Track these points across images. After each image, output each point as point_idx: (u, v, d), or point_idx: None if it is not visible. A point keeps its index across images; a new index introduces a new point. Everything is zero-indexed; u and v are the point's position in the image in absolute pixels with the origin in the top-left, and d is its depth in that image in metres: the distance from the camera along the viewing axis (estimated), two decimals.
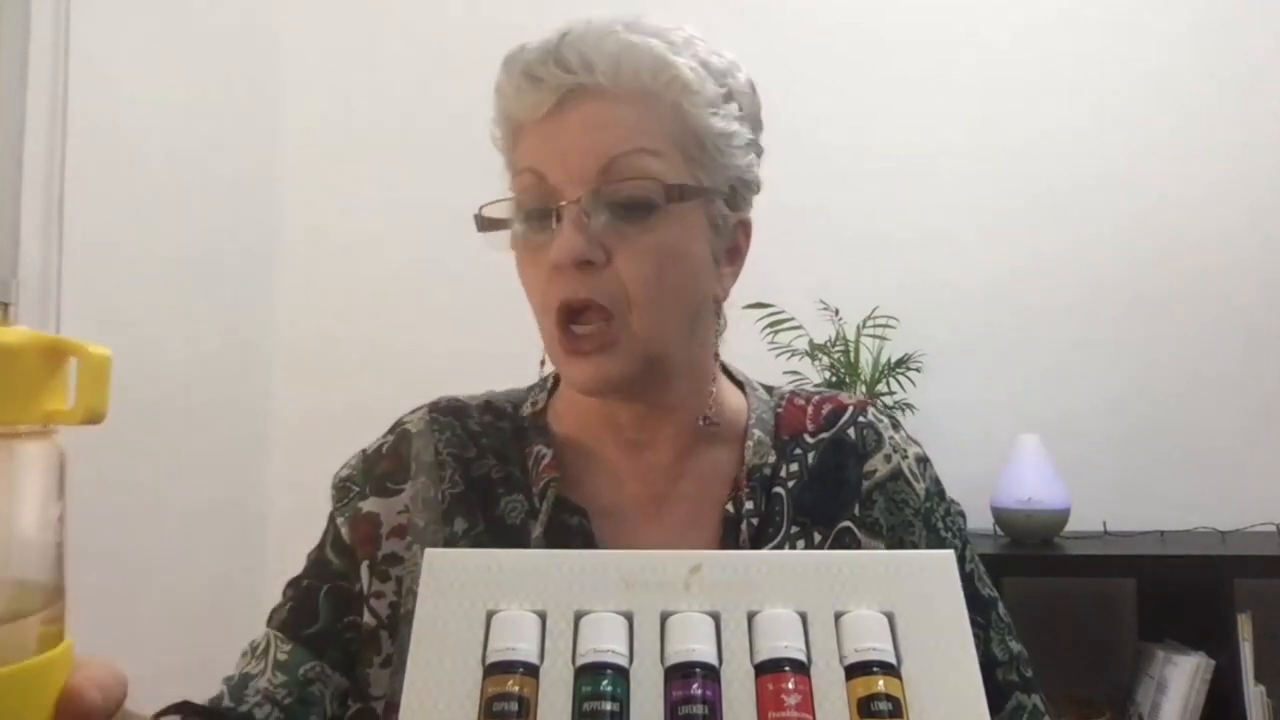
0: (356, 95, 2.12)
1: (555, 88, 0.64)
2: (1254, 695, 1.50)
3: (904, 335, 1.80)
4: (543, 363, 0.75)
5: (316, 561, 0.73)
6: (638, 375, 0.66)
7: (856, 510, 0.72)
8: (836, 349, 1.76)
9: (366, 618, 0.69)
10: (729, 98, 0.68)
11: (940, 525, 0.74)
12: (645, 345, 0.66)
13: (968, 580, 0.71)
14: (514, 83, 0.66)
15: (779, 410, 0.77)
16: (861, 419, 0.76)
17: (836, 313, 1.77)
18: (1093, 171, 1.94)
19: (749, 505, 0.70)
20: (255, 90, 2.04)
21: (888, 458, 0.74)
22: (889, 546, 0.71)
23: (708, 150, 0.67)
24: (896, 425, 0.78)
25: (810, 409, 0.77)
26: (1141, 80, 1.95)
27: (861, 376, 1.75)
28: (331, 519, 0.74)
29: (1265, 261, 1.89)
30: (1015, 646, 0.73)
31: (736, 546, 0.69)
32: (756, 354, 1.62)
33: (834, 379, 1.75)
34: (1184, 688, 1.51)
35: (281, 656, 0.69)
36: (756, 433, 0.74)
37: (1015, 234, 1.95)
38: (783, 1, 2.05)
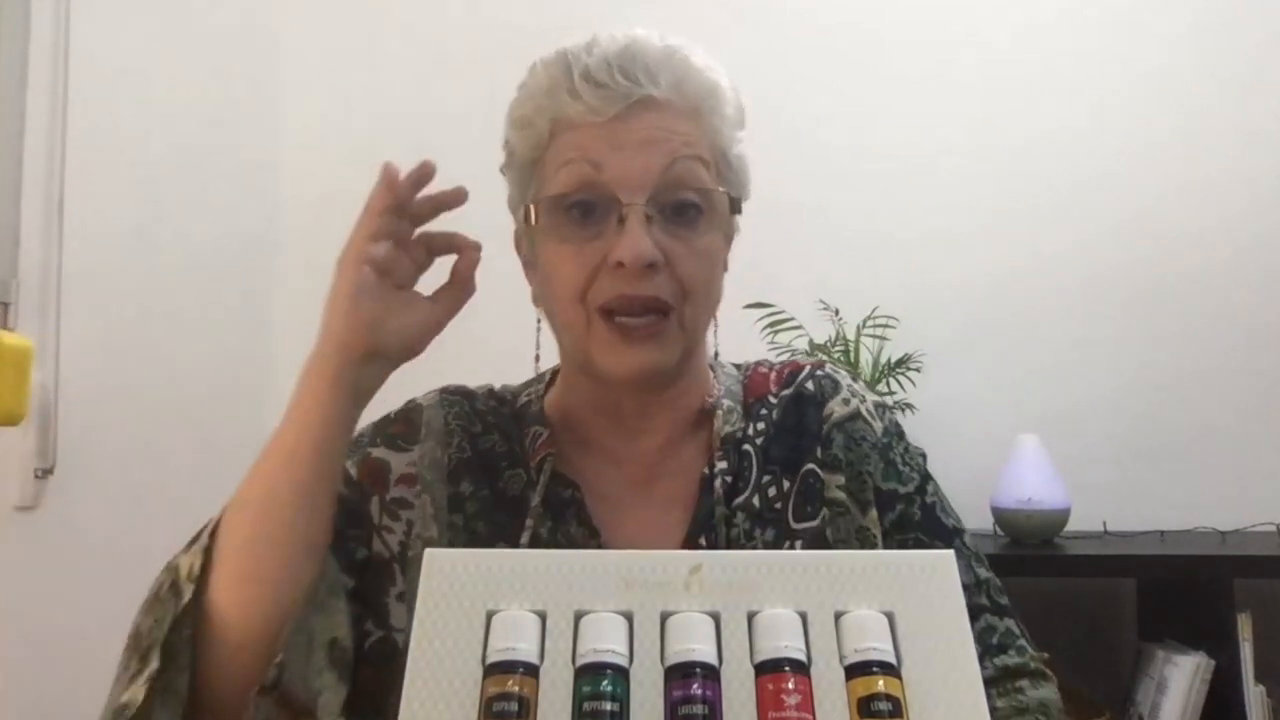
0: (356, 95, 2.12)
1: (624, 96, 0.69)
2: (1254, 695, 1.49)
3: (904, 335, 1.80)
4: (538, 359, 0.80)
5: None
6: (675, 366, 0.72)
7: (819, 452, 0.76)
8: (836, 349, 1.76)
9: (377, 546, 0.73)
10: (742, 124, 0.76)
11: (899, 460, 0.78)
12: (689, 339, 0.72)
13: (929, 511, 0.77)
14: (569, 85, 0.70)
15: (745, 381, 0.82)
16: (819, 372, 0.81)
17: (836, 313, 1.77)
18: (1093, 171, 1.94)
19: (722, 465, 0.75)
20: (255, 90, 2.04)
21: (846, 400, 0.79)
22: (848, 481, 0.75)
23: (733, 169, 0.75)
24: (855, 379, 0.83)
25: (773, 374, 0.83)
26: (1141, 80, 1.95)
27: (862, 376, 1.75)
28: None
29: (1265, 261, 1.89)
30: (984, 573, 0.76)
31: (711, 504, 0.73)
32: (757, 354, 1.61)
33: None
34: (1184, 688, 1.51)
35: None
36: (726, 402, 0.79)
37: (1015, 234, 1.95)
38: (783, 1, 2.04)
